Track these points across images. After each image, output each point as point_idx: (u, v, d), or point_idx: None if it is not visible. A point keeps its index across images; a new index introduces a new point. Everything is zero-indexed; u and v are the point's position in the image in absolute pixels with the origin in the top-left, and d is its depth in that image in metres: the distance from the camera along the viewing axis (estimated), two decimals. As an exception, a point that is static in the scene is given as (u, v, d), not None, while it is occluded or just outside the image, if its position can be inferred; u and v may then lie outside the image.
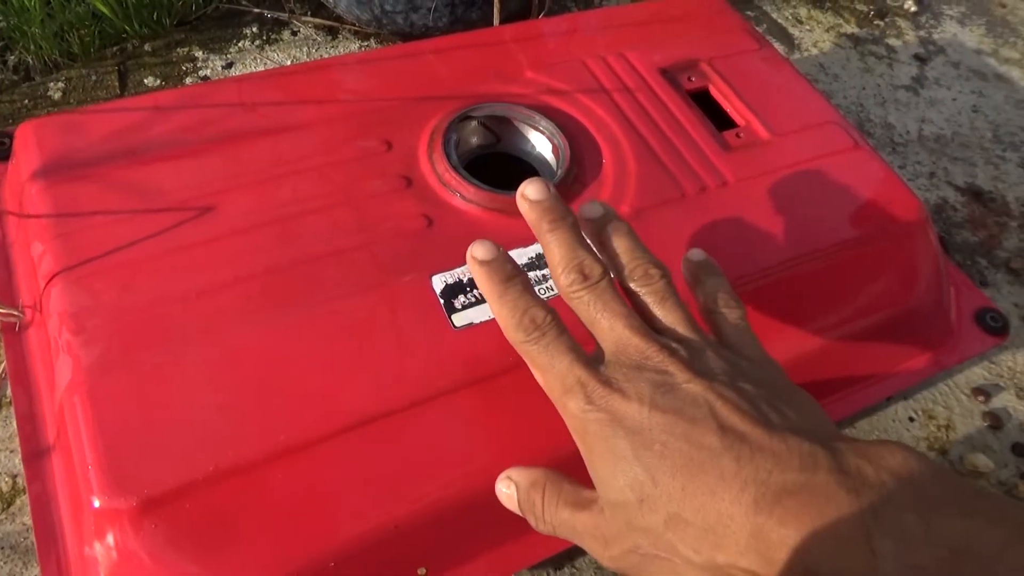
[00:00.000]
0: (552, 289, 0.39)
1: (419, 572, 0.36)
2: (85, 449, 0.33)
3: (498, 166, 0.47)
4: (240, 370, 0.35)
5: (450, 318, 0.38)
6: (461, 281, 0.39)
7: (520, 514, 0.32)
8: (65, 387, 0.35)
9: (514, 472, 0.33)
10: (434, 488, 0.35)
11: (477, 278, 0.33)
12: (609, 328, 0.31)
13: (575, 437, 0.30)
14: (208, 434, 0.33)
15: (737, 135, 0.48)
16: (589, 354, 0.31)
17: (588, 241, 0.34)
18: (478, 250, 0.33)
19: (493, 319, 0.38)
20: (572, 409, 0.30)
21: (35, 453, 0.38)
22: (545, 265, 0.39)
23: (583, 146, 0.46)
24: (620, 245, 0.33)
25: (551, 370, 0.31)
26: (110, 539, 0.32)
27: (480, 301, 0.38)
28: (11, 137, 0.46)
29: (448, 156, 0.43)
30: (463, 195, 0.42)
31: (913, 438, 0.51)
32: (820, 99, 0.52)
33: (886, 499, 0.25)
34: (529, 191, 0.34)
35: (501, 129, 0.47)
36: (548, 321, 0.31)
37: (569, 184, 0.43)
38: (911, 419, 0.52)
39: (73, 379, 0.35)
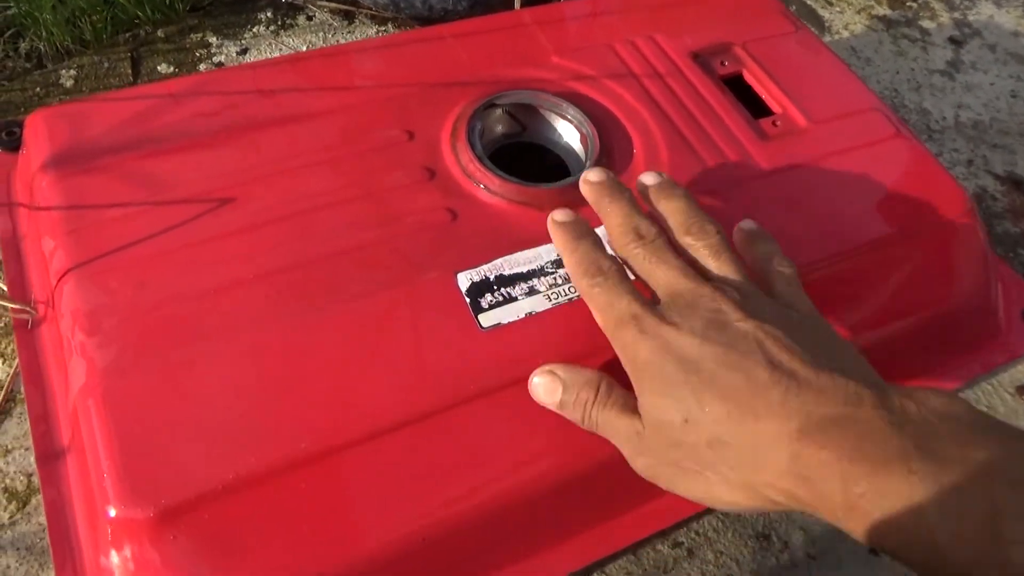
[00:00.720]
0: (570, 292, 0.37)
1: (446, 582, 0.34)
2: (100, 456, 0.32)
3: (524, 156, 0.45)
4: (260, 373, 0.34)
5: (476, 318, 0.36)
6: (488, 279, 0.37)
7: (554, 409, 0.34)
8: (79, 390, 0.34)
9: (561, 370, 0.34)
10: (462, 497, 0.33)
11: (554, 236, 0.36)
12: (664, 277, 0.33)
13: (626, 366, 0.32)
14: (228, 440, 0.32)
15: (774, 123, 0.46)
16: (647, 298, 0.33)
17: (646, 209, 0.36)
18: (558, 214, 0.36)
19: (522, 319, 0.36)
20: (625, 338, 0.31)
21: (49, 455, 0.36)
22: (560, 267, 0.38)
23: (612, 135, 0.44)
24: (676, 205, 0.35)
25: (609, 308, 0.32)
26: (127, 550, 0.31)
27: (508, 300, 0.37)
28: (21, 127, 0.44)
29: (472, 146, 0.41)
30: (488, 187, 0.40)
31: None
32: (859, 84, 0.50)
33: (927, 433, 0.26)
34: (591, 175, 0.38)
35: (527, 118, 0.45)
36: (611, 268, 0.33)
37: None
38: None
39: (87, 382, 0.33)
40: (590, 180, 0.37)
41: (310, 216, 0.38)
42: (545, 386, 0.34)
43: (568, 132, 0.45)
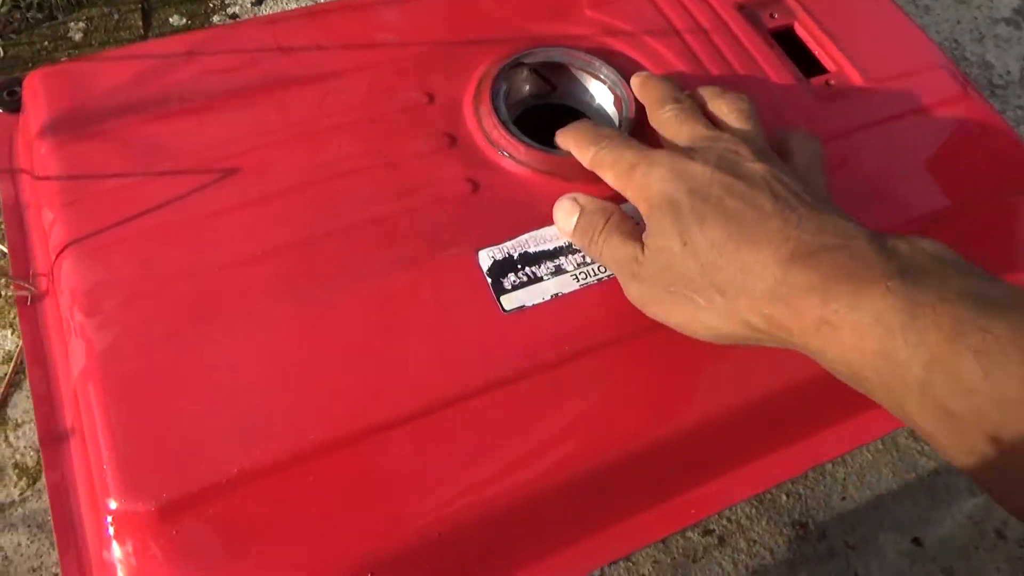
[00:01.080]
0: (600, 271, 0.34)
1: (464, 580, 0.32)
2: (101, 445, 0.30)
3: (553, 119, 0.42)
4: (268, 358, 0.31)
5: (498, 300, 0.33)
6: (511, 257, 0.34)
7: (568, 236, 0.34)
8: (79, 374, 0.32)
9: (581, 197, 0.34)
10: (479, 491, 0.31)
11: (558, 138, 0.37)
12: (690, 131, 0.34)
13: (640, 205, 0.32)
14: (233, 431, 0.30)
15: (827, 83, 0.42)
16: None
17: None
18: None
19: (547, 302, 0.34)
20: (637, 177, 0.32)
21: (53, 437, 0.35)
22: (576, 250, 0.35)
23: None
24: (713, 87, 0.36)
25: (618, 161, 0.33)
26: (128, 545, 0.29)
27: (532, 280, 0.34)
28: (23, 86, 0.42)
29: (497, 110, 0.38)
30: (513, 155, 0.37)
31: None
32: (922, 37, 0.46)
33: (914, 266, 0.27)
34: (643, 72, 0.39)
35: (557, 77, 0.42)
36: (613, 132, 0.34)
37: (634, 135, 0.38)
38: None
39: (87, 366, 0.32)
40: (642, 73, 0.39)
41: (322, 187, 0.36)
42: (565, 209, 0.34)
43: (601, 94, 0.41)
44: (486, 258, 0.34)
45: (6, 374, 0.43)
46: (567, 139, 0.36)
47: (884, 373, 0.26)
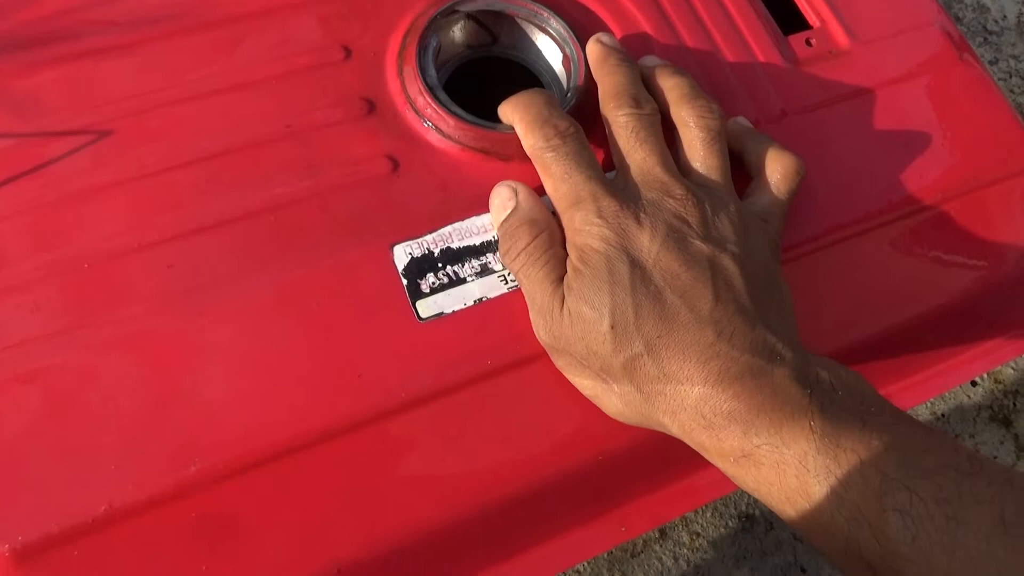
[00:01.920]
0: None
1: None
2: (-51, 472, 0.26)
3: (494, 75, 0.37)
4: (143, 377, 0.27)
5: (414, 306, 0.29)
6: (431, 253, 0.30)
7: (492, 225, 0.31)
8: (-76, 385, 0.28)
9: (522, 192, 0.30)
10: (385, 518, 0.28)
11: (505, 104, 0.32)
12: (642, 160, 0.30)
13: (572, 247, 0.29)
14: (102, 462, 0.26)
15: (808, 42, 0.37)
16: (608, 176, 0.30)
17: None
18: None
19: (469, 308, 0.30)
20: (578, 221, 0.29)
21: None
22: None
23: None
24: (681, 81, 0.32)
25: (566, 180, 0.29)
26: (-17, 586, 0.26)
27: (454, 282, 0.30)
28: None
29: (423, 72, 0.32)
30: (440, 129, 0.32)
31: (974, 405, 0.44)
32: (918, -13, 0.40)
33: (834, 400, 0.26)
34: (604, 36, 0.33)
35: (499, 26, 0.36)
36: (571, 131, 0.30)
37: (583, 106, 0.33)
38: (973, 383, 0.45)
39: (-68, 377, 0.27)
40: (601, 40, 0.33)
41: (212, 164, 0.30)
42: (501, 198, 0.30)
43: (549, 49, 0.36)
44: (402, 254, 0.30)
45: None
46: (512, 113, 0.31)
47: (805, 513, 0.25)
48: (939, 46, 0.38)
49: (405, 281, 0.30)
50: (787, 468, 0.25)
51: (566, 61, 0.35)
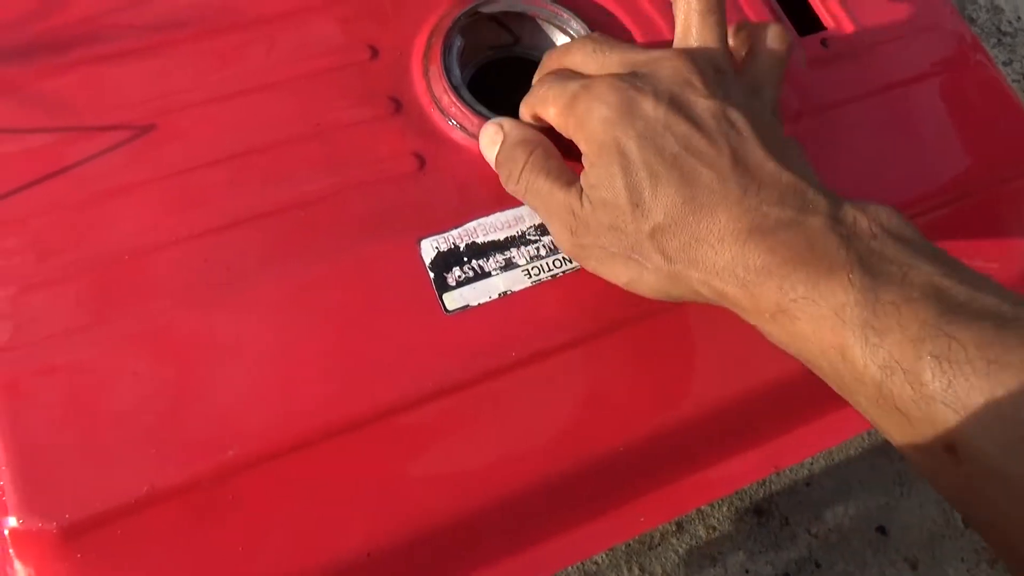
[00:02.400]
0: (555, 266, 0.31)
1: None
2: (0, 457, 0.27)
3: (516, 75, 0.37)
4: (181, 365, 0.28)
5: (440, 299, 0.30)
6: (457, 248, 0.31)
7: (491, 164, 0.31)
8: (-28, 373, 0.29)
9: (507, 123, 0.31)
10: (411, 506, 0.29)
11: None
12: (620, 55, 0.30)
13: (581, 142, 0.29)
14: (143, 446, 0.27)
15: (823, 42, 0.38)
16: None
17: None
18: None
19: (494, 301, 0.30)
20: (579, 111, 0.28)
21: (-43, 430, 0.32)
22: (545, 234, 0.31)
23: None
24: None
25: (560, 91, 0.29)
26: (30, 565, 0.27)
27: (479, 276, 0.31)
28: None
29: (448, 72, 0.33)
30: (464, 127, 0.33)
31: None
32: (933, -10, 0.41)
33: (874, 249, 0.25)
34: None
35: (521, 27, 0.37)
36: (566, 71, 0.31)
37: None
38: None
39: (-21, 365, 0.28)
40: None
41: (245, 161, 0.31)
42: (488, 136, 0.31)
43: (569, 50, 0.37)
44: (429, 249, 0.31)
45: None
46: (527, 106, 0.32)
47: (839, 366, 0.25)
48: (952, 47, 0.39)
49: (432, 275, 0.30)
50: (823, 322, 0.24)
51: (586, 62, 0.36)
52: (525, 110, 0.32)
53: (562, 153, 0.31)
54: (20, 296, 0.29)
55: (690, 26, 0.30)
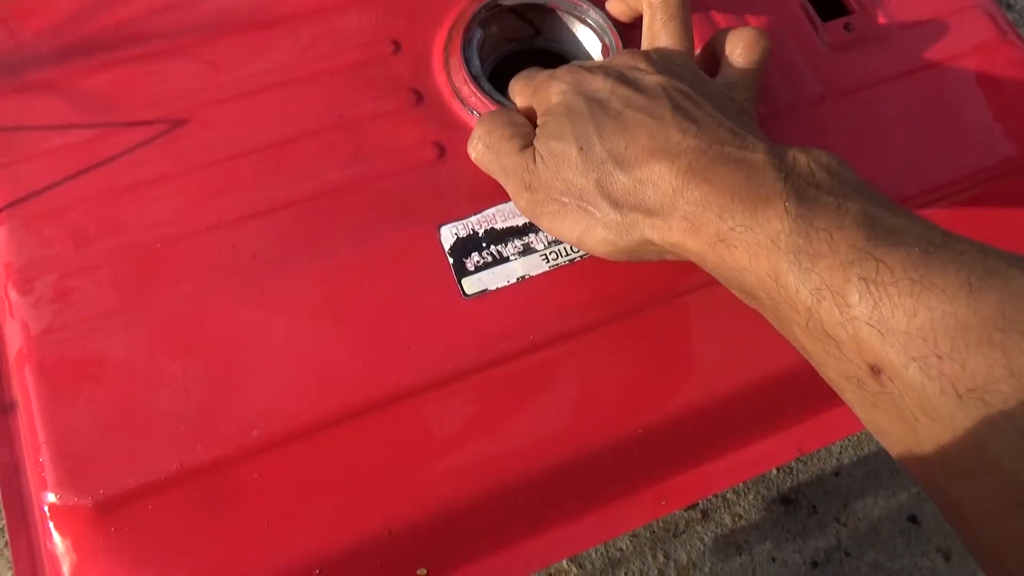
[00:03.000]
0: (560, 253, 0.31)
1: (418, 573, 0.31)
2: (39, 435, 0.29)
3: (536, 65, 0.38)
4: (211, 346, 0.29)
5: (459, 283, 0.31)
6: (476, 234, 0.32)
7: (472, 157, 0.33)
8: (14, 357, 0.30)
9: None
10: (434, 487, 0.30)
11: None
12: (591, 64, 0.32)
13: (539, 114, 0.31)
14: (174, 425, 0.28)
15: (846, 27, 0.38)
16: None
17: None
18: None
19: (512, 285, 0.31)
20: (540, 92, 0.31)
21: (0, 410, 0.34)
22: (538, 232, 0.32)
23: (639, 44, 0.36)
24: None
25: (528, 83, 0.33)
26: (68, 538, 0.28)
27: (497, 261, 0.31)
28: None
29: (467, 63, 0.34)
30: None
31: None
32: (960, -30, 0.40)
33: (811, 182, 0.26)
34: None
35: (541, 19, 0.38)
36: (542, 75, 0.32)
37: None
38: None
39: (22, 349, 0.30)
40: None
41: (271, 152, 0.33)
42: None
43: (589, 39, 0.37)
44: (449, 235, 0.31)
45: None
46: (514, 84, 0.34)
47: (774, 294, 0.26)
48: (982, 28, 0.38)
49: (451, 260, 0.31)
50: (759, 249, 0.25)
51: (605, 50, 0.36)
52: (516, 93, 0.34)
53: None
54: (60, 282, 0.30)
55: (655, 32, 0.32)
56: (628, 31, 0.36)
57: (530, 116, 0.32)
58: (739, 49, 0.32)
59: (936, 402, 0.22)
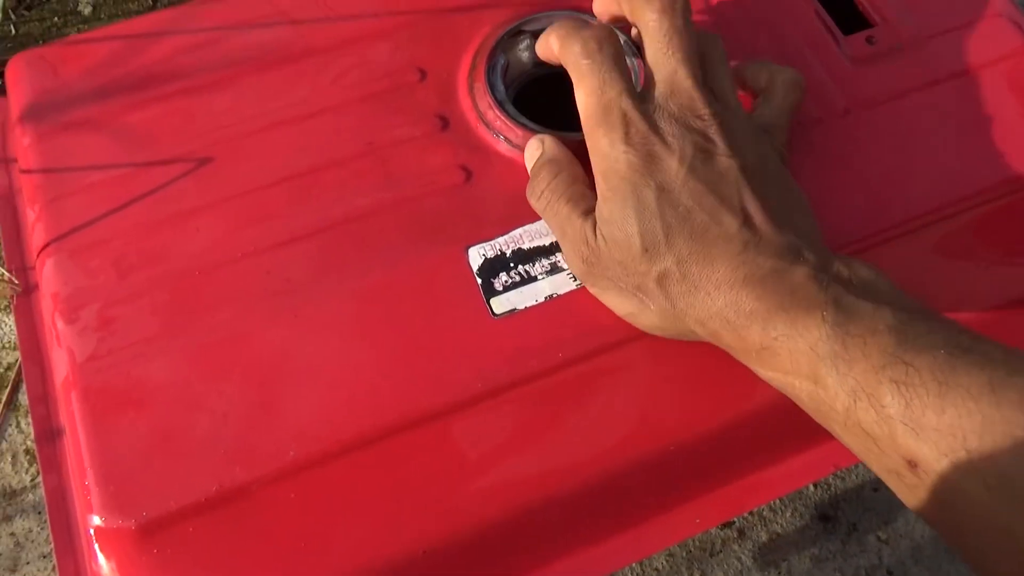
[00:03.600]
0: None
1: (454, 593, 0.31)
2: (84, 460, 0.30)
3: (558, 91, 0.39)
4: (247, 370, 0.30)
5: (488, 303, 0.31)
6: (503, 254, 0.32)
7: (528, 169, 0.33)
8: (61, 384, 0.31)
9: (548, 140, 0.33)
10: (463, 509, 0.30)
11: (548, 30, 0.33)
12: (672, 72, 0.30)
13: (599, 170, 0.30)
14: (213, 448, 0.29)
15: (869, 40, 0.38)
16: (639, 88, 0.31)
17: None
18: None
19: (540, 304, 0.31)
20: (604, 144, 0.30)
21: (49, 437, 0.35)
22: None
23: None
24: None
25: (598, 94, 0.30)
26: (112, 560, 0.29)
27: (525, 280, 0.32)
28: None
29: (492, 88, 0.35)
30: (509, 139, 0.34)
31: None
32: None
33: (848, 294, 0.28)
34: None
35: (563, 43, 0.38)
36: (609, 43, 0.31)
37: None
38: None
39: (68, 376, 0.31)
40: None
41: (302, 180, 0.33)
42: (531, 150, 0.33)
43: (611, 61, 0.37)
44: (476, 256, 0.32)
45: (18, 360, 0.44)
46: (551, 32, 0.32)
47: (814, 396, 0.27)
48: (1007, 37, 0.38)
49: (479, 280, 0.32)
50: (800, 356, 0.27)
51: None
52: (559, 44, 0.32)
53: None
54: (104, 311, 0.31)
55: (714, 69, 0.31)
56: (650, 52, 0.36)
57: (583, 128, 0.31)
58: (780, 90, 0.33)
59: (969, 493, 0.24)
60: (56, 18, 0.55)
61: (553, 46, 0.32)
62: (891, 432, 0.25)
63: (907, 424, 0.25)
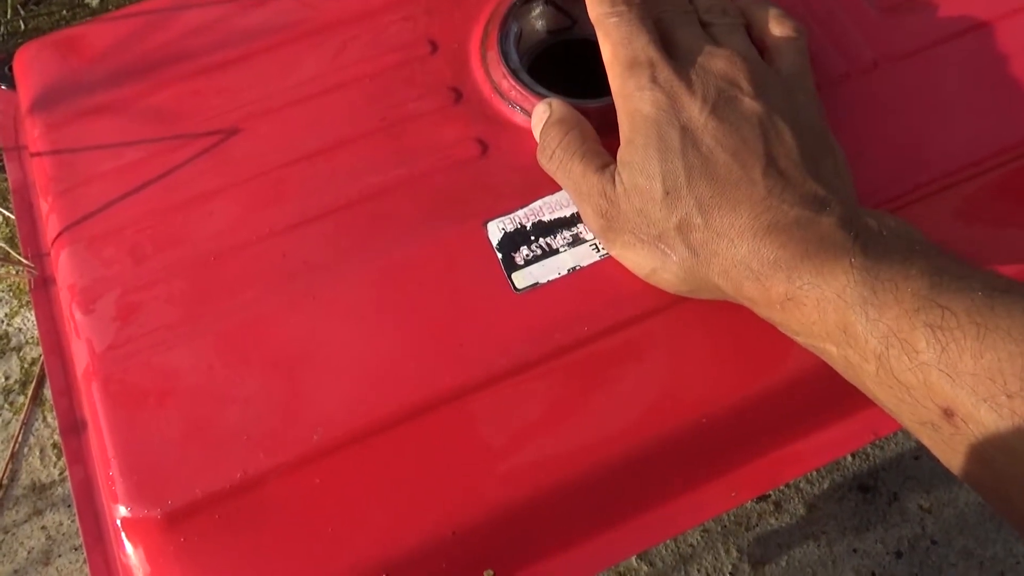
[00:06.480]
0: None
1: (485, 574, 0.31)
2: (108, 451, 0.29)
3: (574, 57, 0.37)
4: (265, 355, 0.30)
5: (509, 278, 0.30)
6: (523, 227, 0.31)
7: (534, 135, 0.32)
8: (82, 375, 0.31)
9: (555, 102, 0.32)
10: (488, 490, 0.29)
11: None
12: (686, 35, 0.31)
13: (623, 118, 0.30)
14: (236, 435, 0.29)
15: (896, -9, 0.36)
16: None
17: None
18: None
19: (564, 277, 0.30)
20: (631, 86, 0.29)
21: (73, 429, 0.35)
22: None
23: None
24: None
25: (626, 44, 0.30)
26: (140, 550, 0.29)
27: (547, 253, 0.31)
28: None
29: (506, 57, 0.34)
30: (525, 109, 0.33)
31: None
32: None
33: (878, 241, 0.27)
34: None
35: (577, 9, 0.37)
36: (636, 2, 0.30)
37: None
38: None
39: (88, 367, 0.31)
40: None
41: (317, 159, 0.33)
42: (538, 114, 0.32)
43: (627, 24, 0.36)
44: (496, 230, 0.31)
45: (42, 355, 0.43)
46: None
47: (843, 346, 0.26)
48: (1043, -20, 0.36)
49: (500, 255, 0.31)
50: (827, 304, 0.26)
51: (645, 34, 0.35)
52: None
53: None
54: (121, 299, 0.31)
55: (722, 41, 0.31)
56: (667, 12, 0.35)
57: (608, 78, 0.31)
58: (790, 38, 0.32)
59: (1010, 439, 0.23)
60: (64, 11, 0.54)
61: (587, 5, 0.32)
62: (926, 379, 0.24)
63: (943, 370, 0.24)
